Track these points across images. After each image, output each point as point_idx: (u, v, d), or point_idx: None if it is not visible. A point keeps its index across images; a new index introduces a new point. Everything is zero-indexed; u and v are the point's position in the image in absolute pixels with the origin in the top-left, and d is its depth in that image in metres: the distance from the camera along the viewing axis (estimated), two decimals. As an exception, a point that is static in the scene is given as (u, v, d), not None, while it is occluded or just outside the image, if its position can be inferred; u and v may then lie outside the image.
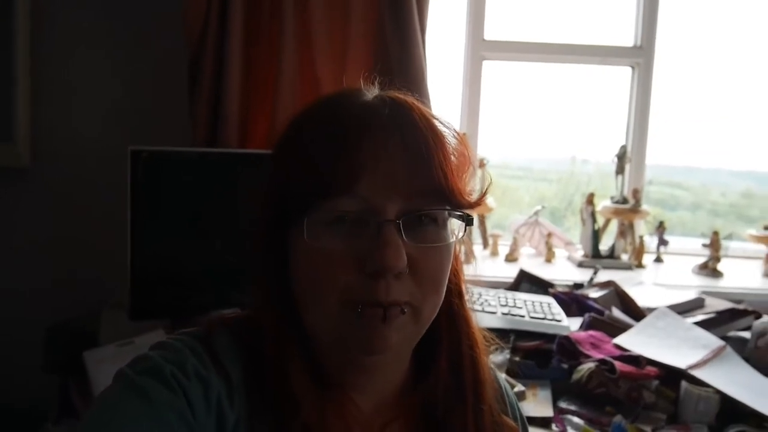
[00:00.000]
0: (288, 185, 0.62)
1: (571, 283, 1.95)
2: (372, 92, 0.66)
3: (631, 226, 2.24)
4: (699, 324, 1.69)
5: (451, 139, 0.64)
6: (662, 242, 2.27)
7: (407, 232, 0.60)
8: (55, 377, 1.55)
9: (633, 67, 2.30)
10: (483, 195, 0.67)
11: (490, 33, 2.21)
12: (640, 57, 2.26)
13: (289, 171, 0.63)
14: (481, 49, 2.20)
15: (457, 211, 0.64)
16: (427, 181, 0.60)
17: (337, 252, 0.59)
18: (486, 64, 2.22)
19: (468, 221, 0.64)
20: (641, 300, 1.81)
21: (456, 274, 0.70)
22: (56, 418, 1.43)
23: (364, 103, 0.64)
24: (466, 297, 0.72)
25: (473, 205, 0.65)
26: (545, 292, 1.85)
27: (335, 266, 0.59)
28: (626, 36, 2.29)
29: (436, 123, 0.64)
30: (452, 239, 0.64)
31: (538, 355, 1.58)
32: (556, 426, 1.38)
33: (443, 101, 2.21)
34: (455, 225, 0.65)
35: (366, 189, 0.59)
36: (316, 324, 0.63)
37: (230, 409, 0.59)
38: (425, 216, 0.62)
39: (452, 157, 0.63)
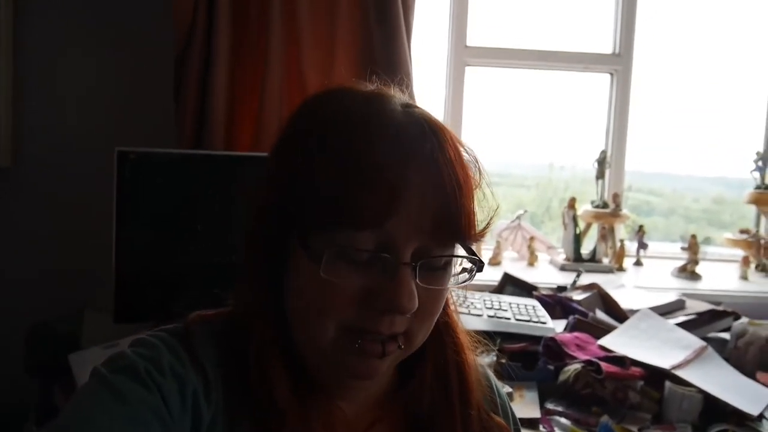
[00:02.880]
0: (308, 205, 0.58)
1: (554, 286, 1.97)
2: (398, 101, 0.63)
3: (612, 230, 2.28)
4: (680, 325, 1.72)
5: (473, 169, 0.63)
6: (642, 246, 2.31)
7: (420, 274, 0.58)
8: (35, 378, 1.51)
9: (612, 74, 2.34)
10: (487, 226, 0.63)
11: (473, 39, 2.23)
12: (618, 64, 2.31)
13: (311, 189, 0.58)
14: (463, 55, 2.22)
15: (471, 257, 0.63)
16: (451, 227, 0.59)
17: (347, 285, 0.58)
18: (468, 69, 2.24)
19: (479, 268, 0.63)
20: (623, 302, 1.84)
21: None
22: (37, 420, 1.40)
23: (403, 128, 0.60)
24: (452, 307, 0.72)
25: (479, 239, 0.63)
26: (529, 295, 1.86)
27: (343, 297, 0.58)
28: (605, 43, 2.34)
29: (463, 153, 0.62)
30: (456, 274, 0.63)
31: (525, 357, 1.59)
32: (544, 427, 1.39)
33: (427, 106, 2.21)
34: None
35: (392, 227, 0.57)
36: (309, 343, 0.62)
37: (206, 407, 0.59)
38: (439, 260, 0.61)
39: (473, 193, 0.62)
